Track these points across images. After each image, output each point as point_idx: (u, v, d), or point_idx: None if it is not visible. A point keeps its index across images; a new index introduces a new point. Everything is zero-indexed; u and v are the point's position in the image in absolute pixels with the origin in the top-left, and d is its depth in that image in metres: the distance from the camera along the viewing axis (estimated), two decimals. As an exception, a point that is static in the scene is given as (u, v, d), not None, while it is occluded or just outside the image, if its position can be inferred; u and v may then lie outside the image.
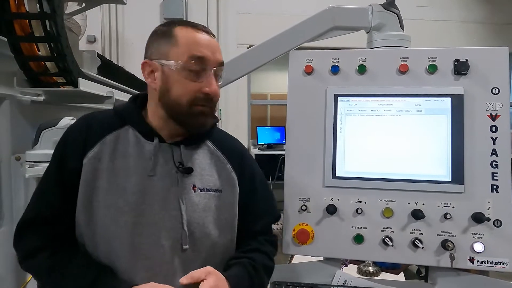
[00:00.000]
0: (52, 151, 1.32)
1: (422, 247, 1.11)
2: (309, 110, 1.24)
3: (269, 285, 1.17)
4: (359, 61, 1.22)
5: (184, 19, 5.17)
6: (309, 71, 1.24)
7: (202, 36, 0.95)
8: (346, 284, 1.18)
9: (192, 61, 0.92)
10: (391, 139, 1.19)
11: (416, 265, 2.31)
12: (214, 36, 0.99)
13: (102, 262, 0.91)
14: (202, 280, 0.86)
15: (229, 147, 1.07)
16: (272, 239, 1.10)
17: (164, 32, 0.95)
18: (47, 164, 1.28)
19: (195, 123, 0.96)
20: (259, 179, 1.10)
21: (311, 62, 1.25)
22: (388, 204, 1.16)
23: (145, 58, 0.98)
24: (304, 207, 1.20)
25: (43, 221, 0.92)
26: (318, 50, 1.26)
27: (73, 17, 2.28)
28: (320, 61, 1.25)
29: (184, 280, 0.86)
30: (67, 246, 0.92)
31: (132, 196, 0.92)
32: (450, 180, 1.13)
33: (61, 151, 0.96)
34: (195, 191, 0.97)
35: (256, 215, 1.07)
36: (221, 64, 0.97)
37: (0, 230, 1.36)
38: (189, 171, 0.97)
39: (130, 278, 0.90)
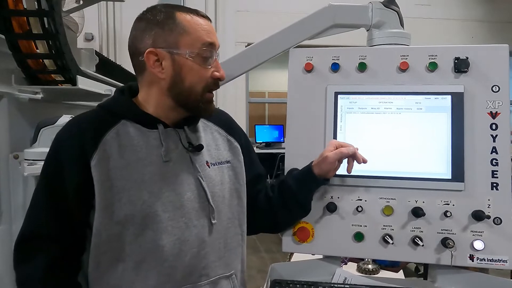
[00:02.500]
0: (51, 149, 1.32)
1: (423, 245, 1.11)
2: (309, 108, 1.24)
3: (269, 283, 1.17)
4: (359, 59, 1.22)
5: (182, 17, 5.14)
6: (309, 69, 1.24)
7: (206, 22, 0.97)
8: (346, 282, 1.18)
9: (204, 48, 0.94)
10: (391, 137, 1.19)
11: (415, 263, 2.32)
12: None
13: (129, 261, 0.91)
14: None
15: (219, 119, 1.11)
16: None
17: (165, 20, 0.93)
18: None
19: (207, 109, 1.00)
20: (246, 136, 1.17)
21: (311, 60, 1.25)
22: (388, 202, 1.16)
23: (144, 47, 0.93)
24: (304, 205, 1.19)
25: (40, 240, 0.91)
26: (318, 48, 1.26)
27: (71, 14, 2.27)
28: (320, 59, 1.24)
29: None
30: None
31: (154, 185, 0.93)
32: (450, 178, 1.13)
33: (56, 165, 0.92)
34: (209, 167, 1.01)
35: (254, 165, 1.16)
36: (218, 48, 0.99)
37: (-1, 228, 1.36)
38: (199, 148, 1.00)
39: (169, 267, 0.92)
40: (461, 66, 1.15)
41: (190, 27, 0.94)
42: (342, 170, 1.18)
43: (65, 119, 1.37)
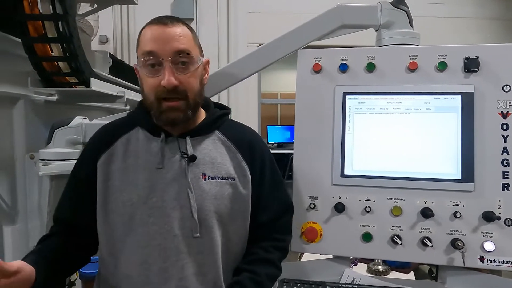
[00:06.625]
0: (64, 150, 1.36)
1: (431, 246, 1.10)
2: (318, 109, 1.24)
3: (277, 282, 1.17)
4: (368, 59, 1.22)
5: (194, 19, 5.19)
6: (317, 69, 1.24)
7: (155, 30, 0.94)
8: (354, 283, 1.18)
9: (144, 58, 0.94)
10: (400, 137, 1.18)
11: (428, 265, 2.29)
12: (177, 23, 0.95)
13: (119, 257, 0.96)
14: None
15: (238, 137, 1.06)
16: (280, 244, 1.07)
17: (138, 37, 0.98)
18: (60, 162, 1.32)
19: (164, 118, 0.96)
20: (269, 168, 1.08)
21: (319, 60, 1.25)
22: (397, 202, 1.16)
23: None
24: (312, 205, 1.20)
25: (59, 221, 1.03)
26: (326, 49, 1.26)
27: (86, 18, 2.32)
28: (328, 59, 1.25)
29: None
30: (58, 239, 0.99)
31: (144, 190, 0.96)
32: (460, 178, 1.12)
33: (79, 160, 1.06)
34: (205, 180, 0.98)
35: (263, 205, 1.05)
36: (180, 52, 0.93)
37: (15, 227, 1.40)
38: (192, 158, 0.98)
39: (146, 269, 0.94)
40: (471, 65, 1.14)
41: (140, 39, 0.97)
42: (350, 170, 1.19)
43: (78, 120, 1.40)
